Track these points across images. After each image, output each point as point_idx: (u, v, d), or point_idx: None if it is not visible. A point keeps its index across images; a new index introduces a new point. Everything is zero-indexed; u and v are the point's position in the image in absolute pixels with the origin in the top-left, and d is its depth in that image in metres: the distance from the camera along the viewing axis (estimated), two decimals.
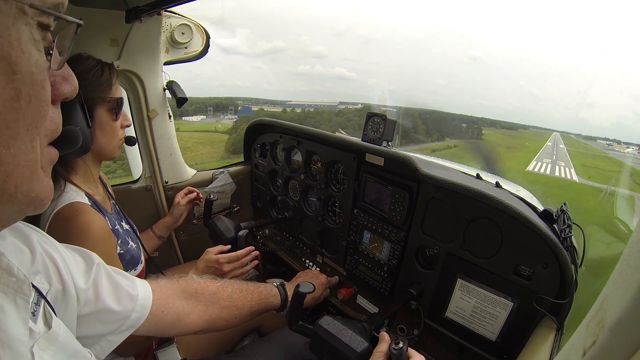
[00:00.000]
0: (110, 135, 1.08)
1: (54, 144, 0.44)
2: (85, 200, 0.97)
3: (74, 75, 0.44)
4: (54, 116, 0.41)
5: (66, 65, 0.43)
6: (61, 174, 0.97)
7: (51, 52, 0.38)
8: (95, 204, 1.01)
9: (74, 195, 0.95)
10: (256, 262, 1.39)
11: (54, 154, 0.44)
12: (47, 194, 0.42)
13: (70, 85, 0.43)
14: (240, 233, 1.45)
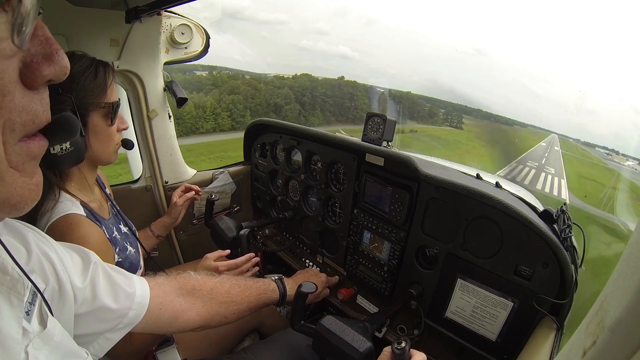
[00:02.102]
0: (105, 141, 1.03)
1: (46, 134, 0.38)
2: (81, 210, 0.95)
3: (61, 51, 0.36)
4: (27, 105, 0.34)
5: (52, 40, 0.35)
6: (55, 182, 0.94)
7: (23, 28, 0.31)
8: (91, 213, 0.99)
9: (69, 205, 0.92)
10: (257, 269, 1.38)
11: (36, 146, 0.37)
12: (23, 197, 0.36)
13: (55, 66, 0.35)
14: (242, 232, 1.44)
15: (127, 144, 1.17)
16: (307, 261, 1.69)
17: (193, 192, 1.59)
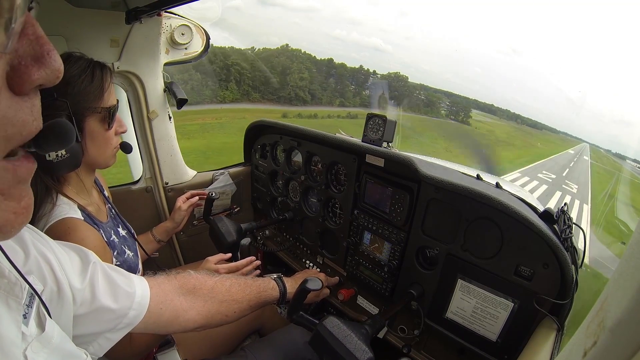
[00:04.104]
0: (103, 145, 1.01)
1: (39, 142, 0.34)
2: (78, 214, 0.94)
3: (53, 52, 0.31)
4: (13, 115, 0.29)
5: (44, 39, 0.30)
6: (53, 186, 0.93)
7: (11, 25, 0.26)
8: (88, 217, 0.99)
9: (66, 209, 0.92)
10: (258, 272, 1.38)
11: (24, 171, 0.33)
12: (8, 221, 0.33)
13: (46, 69, 0.30)
14: (244, 242, 1.43)
15: (125, 148, 1.14)
16: (308, 262, 1.69)
17: (197, 198, 1.60)
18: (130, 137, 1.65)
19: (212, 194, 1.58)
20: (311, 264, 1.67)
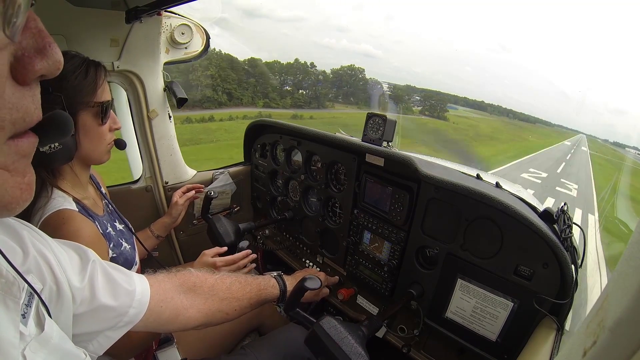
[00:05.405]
0: (96, 141, 1.02)
1: (38, 133, 0.37)
2: (73, 206, 0.95)
3: (54, 45, 0.33)
4: (17, 102, 0.32)
5: (45, 32, 0.33)
6: (48, 179, 0.94)
7: (14, 19, 0.28)
8: (84, 209, 0.99)
9: (61, 201, 0.92)
10: (254, 265, 1.38)
11: (26, 145, 0.35)
12: (14, 197, 0.35)
13: (48, 60, 0.33)
14: (242, 245, 1.43)
15: (119, 144, 1.15)
16: (307, 261, 1.69)
17: (193, 192, 1.60)
18: (130, 137, 1.65)
19: (210, 193, 1.58)
20: (311, 264, 1.67)
